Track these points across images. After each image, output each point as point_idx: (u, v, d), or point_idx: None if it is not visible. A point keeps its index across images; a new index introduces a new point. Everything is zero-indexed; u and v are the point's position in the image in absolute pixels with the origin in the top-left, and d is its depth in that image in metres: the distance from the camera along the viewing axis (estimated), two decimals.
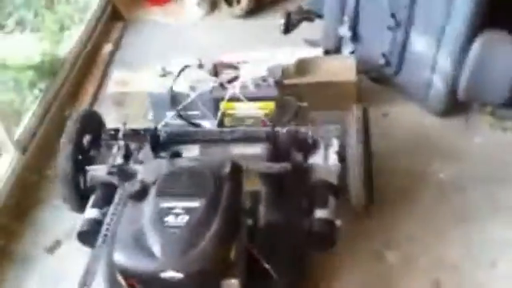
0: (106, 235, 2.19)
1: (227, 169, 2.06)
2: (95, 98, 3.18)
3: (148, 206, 1.98)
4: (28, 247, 2.52)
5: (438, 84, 2.83)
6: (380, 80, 3.07)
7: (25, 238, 2.56)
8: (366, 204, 2.37)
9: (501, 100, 2.77)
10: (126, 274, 1.94)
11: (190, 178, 2.05)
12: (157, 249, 1.88)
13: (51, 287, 2.37)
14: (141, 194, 2.03)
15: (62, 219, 2.58)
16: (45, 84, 3.09)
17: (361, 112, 2.39)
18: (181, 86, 2.56)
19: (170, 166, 2.14)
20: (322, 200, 2.27)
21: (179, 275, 1.84)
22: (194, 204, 1.94)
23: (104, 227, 2.22)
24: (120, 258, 1.92)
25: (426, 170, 2.68)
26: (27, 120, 2.88)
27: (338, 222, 2.24)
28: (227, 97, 2.49)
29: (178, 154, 2.28)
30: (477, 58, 2.68)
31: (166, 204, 1.95)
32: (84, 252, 2.37)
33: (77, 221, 2.45)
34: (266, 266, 2.02)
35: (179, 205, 1.94)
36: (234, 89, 2.51)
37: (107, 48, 3.63)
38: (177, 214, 1.92)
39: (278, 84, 2.55)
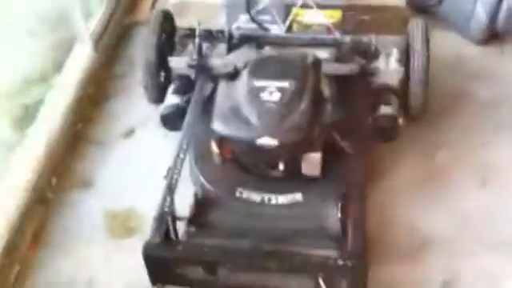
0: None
1: (310, 59, 2.28)
2: (153, 7, 3.29)
3: (243, 85, 2.18)
4: (104, 133, 2.70)
5: (480, 14, 3.05)
6: (423, 9, 3.26)
7: (100, 124, 2.74)
8: (423, 108, 2.61)
9: None
10: (224, 141, 2.14)
11: (279, 63, 2.28)
12: (254, 118, 2.09)
13: (131, 167, 2.55)
14: (233, 76, 2.25)
15: (134, 110, 2.77)
16: None
17: (424, 23, 2.61)
18: None
19: (259, 54, 2.35)
20: (385, 99, 2.50)
21: (274, 142, 2.06)
22: (285, 84, 2.15)
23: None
24: (219, 126, 2.13)
25: (465, 89, 2.92)
26: (95, 21, 3.01)
27: (401, 120, 2.47)
28: (299, 3, 2.66)
29: (261, 47, 2.48)
30: None
31: (259, 83, 2.16)
32: (157, 138, 2.60)
33: (148, 112, 2.67)
34: (343, 143, 2.25)
35: (272, 84, 2.15)
36: None
37: None
38: (270, 92, 2.14)
39: None
